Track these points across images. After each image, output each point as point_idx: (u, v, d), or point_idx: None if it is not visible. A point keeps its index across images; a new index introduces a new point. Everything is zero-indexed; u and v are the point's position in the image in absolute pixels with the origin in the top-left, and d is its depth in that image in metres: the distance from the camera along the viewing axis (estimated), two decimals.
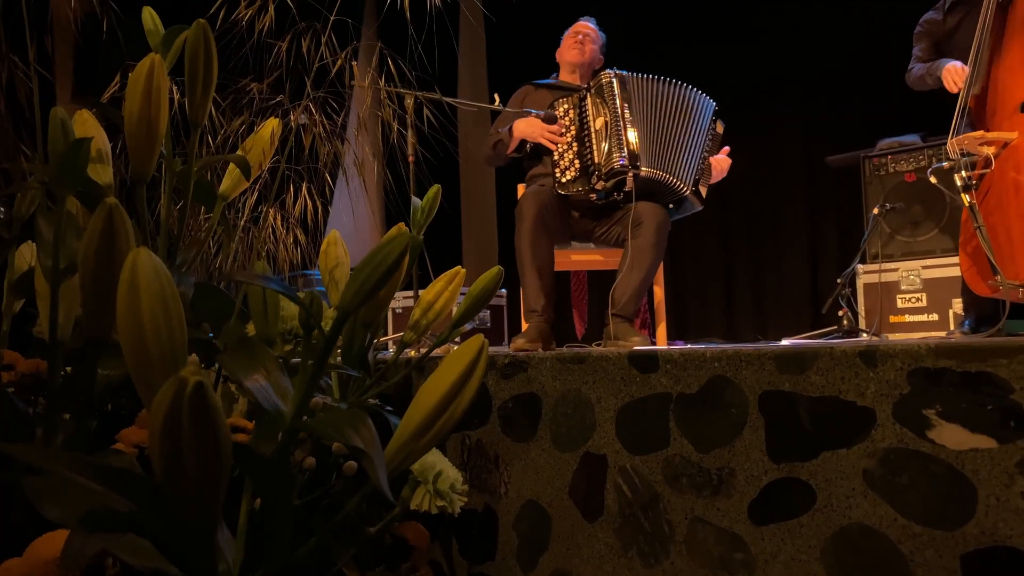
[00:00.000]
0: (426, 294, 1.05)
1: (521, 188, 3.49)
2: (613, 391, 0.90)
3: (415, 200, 1.08)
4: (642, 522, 0.85)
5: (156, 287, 0.58)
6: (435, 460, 0.86)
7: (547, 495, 0.97)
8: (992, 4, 2.81)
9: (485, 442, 1.00)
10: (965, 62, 2.94)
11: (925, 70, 3.16)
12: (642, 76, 3.19)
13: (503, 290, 5.08)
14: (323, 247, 1.12)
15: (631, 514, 0.88)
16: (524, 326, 3.09)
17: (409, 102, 3.09)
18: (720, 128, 3.26)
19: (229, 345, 0.87)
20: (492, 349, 1.07)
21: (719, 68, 5.05)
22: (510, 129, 3.24)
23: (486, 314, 4.80)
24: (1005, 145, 2.72)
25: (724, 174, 3.26)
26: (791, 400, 0.78)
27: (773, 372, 0.79)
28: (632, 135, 3.08)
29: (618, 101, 3.11)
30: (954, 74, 2.95)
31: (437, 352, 1.21)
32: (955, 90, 2.94)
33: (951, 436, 0.69)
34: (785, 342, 3.07)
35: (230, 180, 1.03)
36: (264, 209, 1.62)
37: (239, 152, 1.07)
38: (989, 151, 2.72)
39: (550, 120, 3.17)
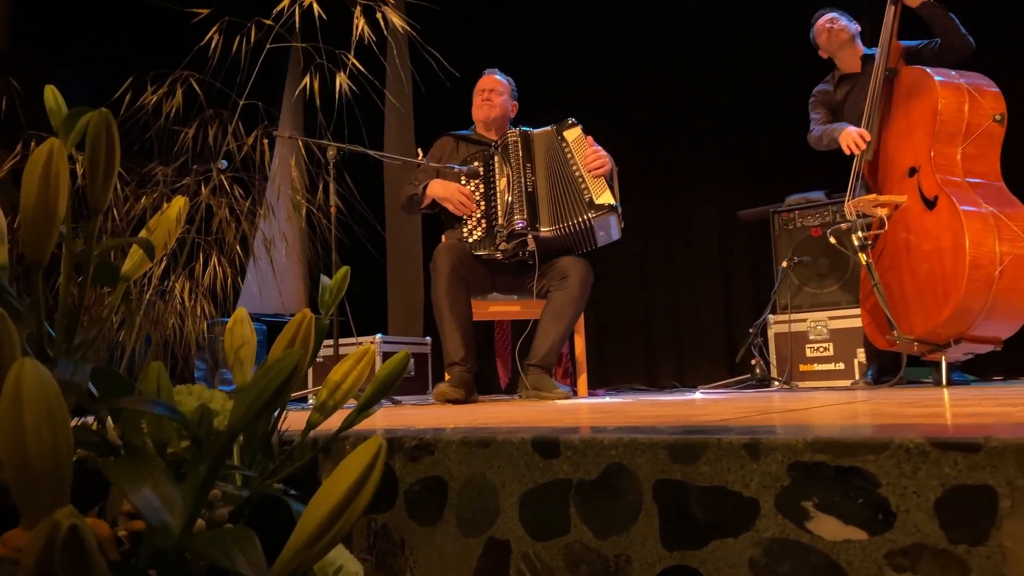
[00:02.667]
0: (334, 374, 1.05)
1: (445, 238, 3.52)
2: (517, 476, 0.91)
3: (324, 279, 1.09)
4: None
5: (42, 402, 0.57)
6: (336, 554, 0.85)
7: None
8: (880, 77, 3.02)
9: (391, 526, 1.00)
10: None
11: (824, 131, 3.34)
12: (542, 130, 3.27)
13: (427, 337, 5.07)
14: (229, 325, 1.11)
15: None
16: (448, 376, 3.10)
17: (332, 153, 3.09)
18: (574, 133, 3.21)
19: (126, 439, 0.85)
20: (400, 429, 1.08)
21: (640, 128, 5.24)
22: (425, 187, 3.27)
23: (410, 362, 4.77)
24: (897, 207, 2.89)
25: (608, 161, 3.20)
26: (682, 489, 0.80)
27: (666, 461, 0.82)
28: (531, 194, 3.14)
29: (520, 160, 3.18)
30: (850, 138, 3.11)
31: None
32: (850, 153, 3.11)
33: (827, 527, 0.72)
34: (698, 394, 3.16)
35: (133, 261, 1.02)
36: (170, 283, 1.60)
37: (144, 231, 1.05)
38: (883, 213, 2.89)
39: (473, 175, 3.22)
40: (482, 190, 3.23)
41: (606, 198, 3.08)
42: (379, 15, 1.84)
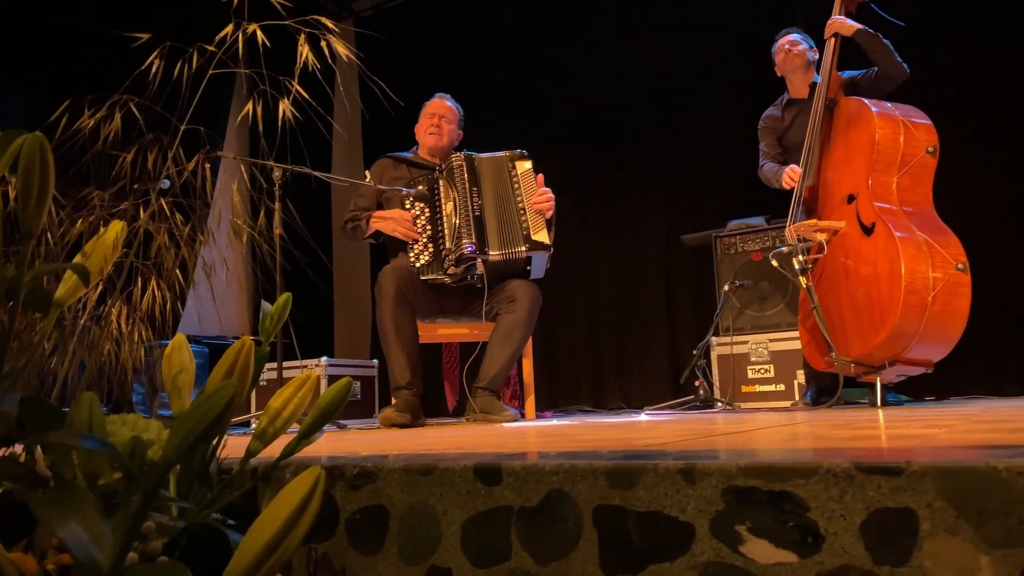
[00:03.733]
0: (274, 401, 1.04)
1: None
2: (459, 504, 0.91)
3: (265, 306, 1.08)
4: None
5: None
6: None
7: None
8: (820, 107, 3.13)
9: (332, 555, 0.99)
10: (799, 156, 3.24)
11: (772, 174, 3.49)
12: (491, 155, 3.29)
13: (374, 360, 5.03)
14: (167, 351, 1.09)
15: None
16: (394, 400, 3.08)
17: (277, 175, 3.06)
18: (524, 166, 3.25)
19: (55, 470, 0.83)
20: (343, 457, 1.07)
21: (586, 152, 5.32)
22: (368, 219, 3.26)
23: (356, 386, 4.73)
24: (836, 232, 2.99)
25: (553, 204, 3.25)
26: (621, 514, 0.81)
27: (605, 487, 0.83)
28: (479, 218, 3.15)
29: (467, 184, 3.19)
30: (789, 175, 3.28)
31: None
32: (790, 187, 3.25)
33: (760, 551, 0.74)
34: (644, 415, 3.20)
35: (67, 286, 1.00)
36: (105, 308, 1.56)
37: (80, 256, 1.03)
38: (822, 238, 2.98)
39: (422, 198, 3.22)
40: (428, 214, 3.22)
41: (542, 236, 3.15)
42: (323, 43, 1.84)
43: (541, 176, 3.24)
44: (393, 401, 3.06)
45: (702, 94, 4.92)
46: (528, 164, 3.24)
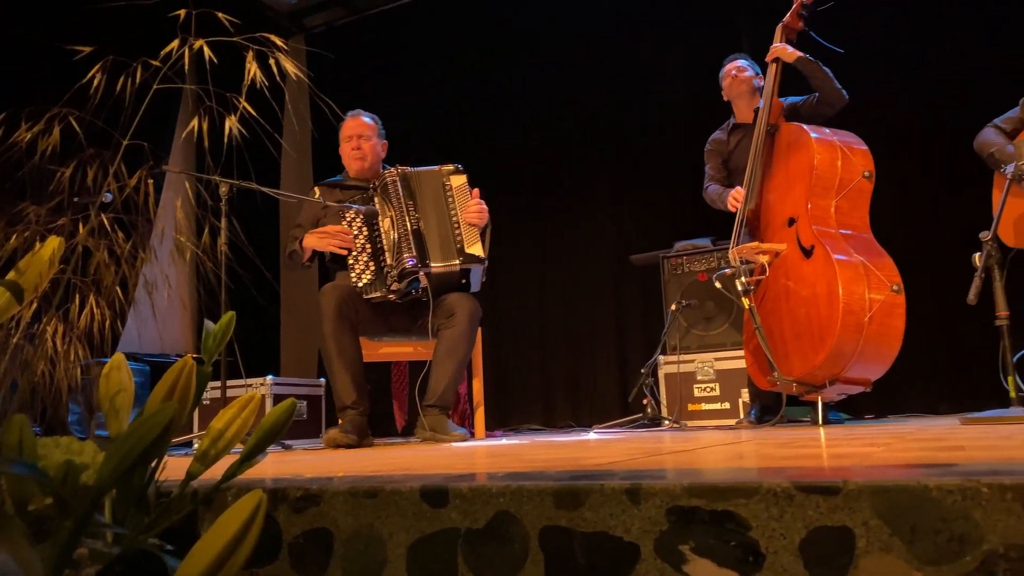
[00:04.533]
0: (216, 422, 1.02)
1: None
2: (405, 526, 0.90)
3: (208, 325, 1.06)
4: None
5: None
6: None
7: None
8: (762, 132, 3.21)
9: None
10: (743, 179, 3.32)
11: (716, 196, 3.56)
12: (425, 169, 3.28)
13: (321, 379, 4.95)
14: (104, 371, 1.06)
15: None
16: (340, 421, 3.03)
17: (224, 190, 3.02)
18: (459, 180, 3.24)
19: None
20: (287, 479, 1.05)
21: (537, 173, 5.37)
22: (301, 241, 3.23)
23: (302, 405, 4.65)
24: (777, 255, 3.06)
25: (487, 216, 3.25)
26: (567, 535, 0.82)
27: (551, 508, 0.83)
28: (417, 232, 3.14)
29: (402, 199, 3.17)
30: (734, 197, 3.36)
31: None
32: (734, 209, 3.33)
33: (703, 570, 0.75)
34: (592, 434, 3.22)
35: None
36: (40, 326, 1.50)
37: (13, 272, 1.00)
38: (764, 260, 3.05)
39: (372, 215, 3.19)
40: (366, 232, 3.19)
41: (476, 249, 3.14)
42: (271, 61, 1.82)
43: (477, 190, 3.23)
44: (339, 421, 3.02)
45: (651, 116, 5.01)
46: (463, 178, 3.23)
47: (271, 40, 1.81)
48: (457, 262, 3.12)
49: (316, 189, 3.36)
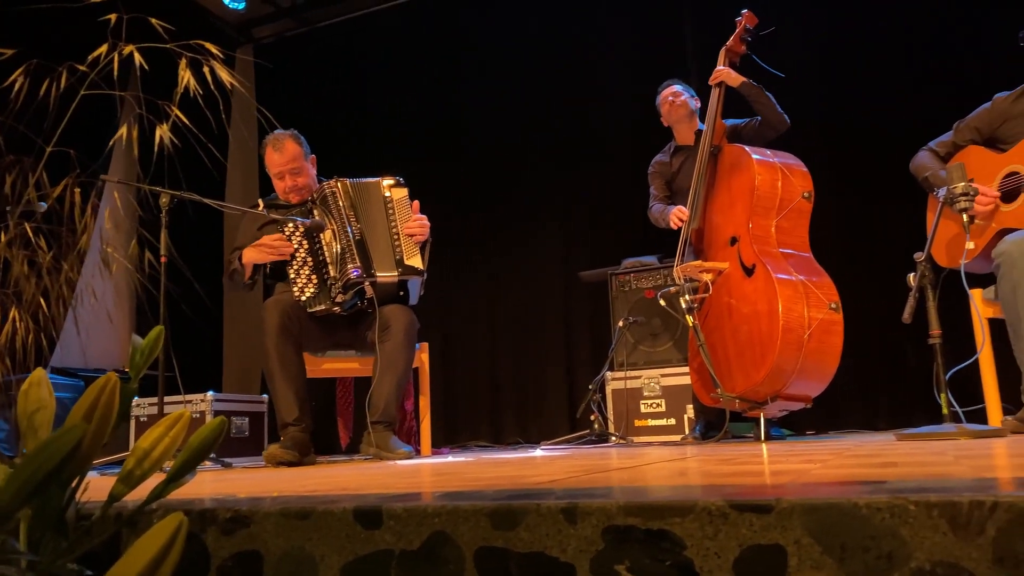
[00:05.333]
0: (143, 441, 0.98)
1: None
2: (337, 548, 0.88)
3: (135, 339, 1.02)
4: None
5: None
6: None
7: None
8: (705, 153, 3.27)
9: None
10: (687, 199, 3.37)
11: (660, 214, 3.61)
12: (365, 180, 3.24)
13: (264, 395, 4.85)
14: (23, 388, 1.01)
15: None
16: (282, 437, 2.97)
17: (164, 201, 2.94)
18: (400, 193, 3.21)
19: None
20: (217, 499, 1.02)
21: (486, 189, 5.37)
22: (241, 258, 3.16)
23: (244, 422, 4.55)
24: (720, 273, 3.11)
25: (427, 231, 3.21)
26: (503, 556, 0.80)
27: (487, 528, 0.82)
28: (360, 241, 3.11)
29: (343, 210, 3.14)
30: (676, 216, 3.40)
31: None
32: (677, 227, 3.37)
33: None
34: (539, 451, 3.21)
35: None
36: None
37: None
38: (708, 278, 3.10)
39: (318, 228, 3.14)
40: (306, 246, 3.14)
41: (416, 261, 3.12)
42: (206, 70, 1.78)
43: (417, 203, 3.21)
44: (281, 438, 2.96)
45: (599, 134, 5.07)
46: (404, 191, 3.21)
47: (206, 48, 1.77)
48: (396, 273, 3.09)
49: (260, 202, 3.30)
